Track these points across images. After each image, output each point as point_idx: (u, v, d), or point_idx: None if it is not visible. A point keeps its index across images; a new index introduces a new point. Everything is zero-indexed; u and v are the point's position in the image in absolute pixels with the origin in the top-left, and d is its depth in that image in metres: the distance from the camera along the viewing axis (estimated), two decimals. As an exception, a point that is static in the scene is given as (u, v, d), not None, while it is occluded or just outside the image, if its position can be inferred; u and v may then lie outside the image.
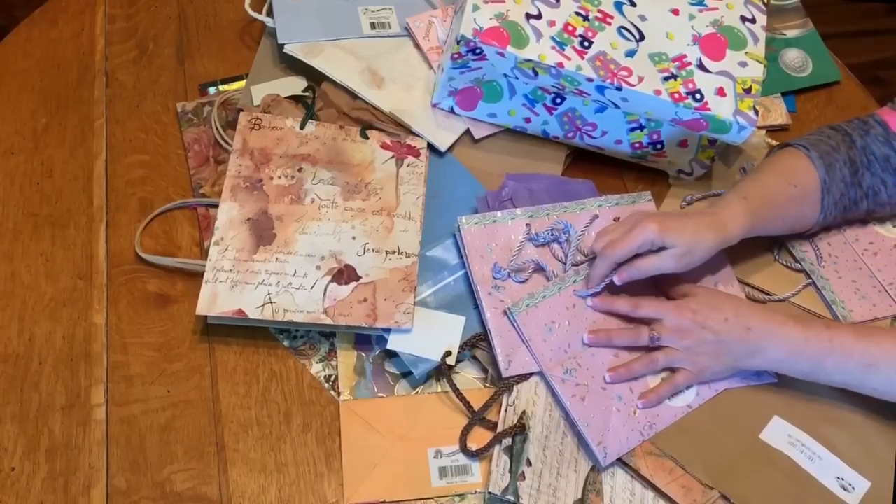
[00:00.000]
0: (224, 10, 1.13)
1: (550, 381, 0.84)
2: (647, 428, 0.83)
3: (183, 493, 0.80)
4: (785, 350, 0.82)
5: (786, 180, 0.90)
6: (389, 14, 1.08)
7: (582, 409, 0.83)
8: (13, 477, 0.80)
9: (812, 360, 0.82)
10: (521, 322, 0.86)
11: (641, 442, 0.83)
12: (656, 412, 0.85)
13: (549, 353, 0.85)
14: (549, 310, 0.87)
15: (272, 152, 0.96)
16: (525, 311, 0.86)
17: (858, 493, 0.82)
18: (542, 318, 0.87)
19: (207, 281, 0.86)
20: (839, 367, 0.81)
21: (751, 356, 0.84)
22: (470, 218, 0.92)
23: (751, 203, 0.87)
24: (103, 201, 0.97)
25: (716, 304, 0.85)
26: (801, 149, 0.92)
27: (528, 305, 0.87)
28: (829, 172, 0.89)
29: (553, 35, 0.93)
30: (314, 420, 0.85)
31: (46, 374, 0.86)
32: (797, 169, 0.90)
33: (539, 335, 0.86)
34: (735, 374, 0.87)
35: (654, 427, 0.84)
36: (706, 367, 0.85)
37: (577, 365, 0.85)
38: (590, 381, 0.85)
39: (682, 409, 0.85)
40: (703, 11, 0.99)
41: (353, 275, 0.89)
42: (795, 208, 0.90)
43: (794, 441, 0.84)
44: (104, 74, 1.07)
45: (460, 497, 0.81)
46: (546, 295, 0.88)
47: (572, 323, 0.87)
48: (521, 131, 1.02)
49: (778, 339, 0.82)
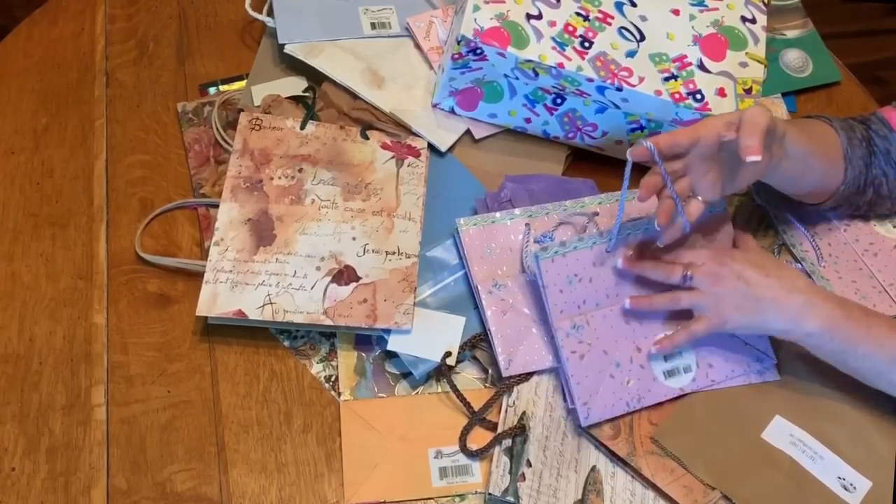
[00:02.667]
0: (224, 10, 1.13)
1: (555, 334, 0.84)
2: (635, 400, 0.84)
3: (183, 494, 0.80)
4: (821, 324, 0.80)
5: (815, 138, 0.87)
6: (390, 14, 1.08)
7: (578, 366, 0.83)
8: (13, 477, 0.80)
9: (845, 342, 0.80)
10: (545, 268, 0.84)
11: (626, 412, 0.84)
12: (648, 387, 0.85)
13: (563, 306, 0.85)
14: (575, 262, 0.85)
15: (272, 153, 0.96)
16: (551, 259, 0.85)
17: (860, 493, 0.82)
18: (567, 269, 0.85)
19: (208, 281, 0.86)
20: (869, 355, 0.80)
21: (781, 320, 0.81)
22: (468, 220, 0.92)
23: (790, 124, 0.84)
24: (103, 201, 0.97)
25: (759, 262, 0.82)
26: (825, 120, 0.90)
27: (556, 253, 0.85)
28: (850, 146, 0.89)
29: (553, 35, 0.93)
30: (314, 420, 0.85)
31: (47, 375, 0.86)
32: (824, 133, 0.89)
33: (558, 285, 0.85)
34: (739, 368, 0.87)
35: (643, 401, 0.84)
36: (729, 319, 0.82)
37: (585, 323, 0.85)
38: (593, 342, 0.84)
39: (674, 390, 0.85)
40: (703, 12, 0.99)
41: (353, 275, 0.89)
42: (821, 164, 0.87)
43: (795, 441, 0.84)
44: (104, 74, 1.07)
45: (461, 497, 0.81)
46: (577, 247, 0.86)
47: (594, 280, 0.86)
48: (522, 132, 1.02)
49: (817, 311, 0.80)
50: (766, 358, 0.88)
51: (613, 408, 0.83)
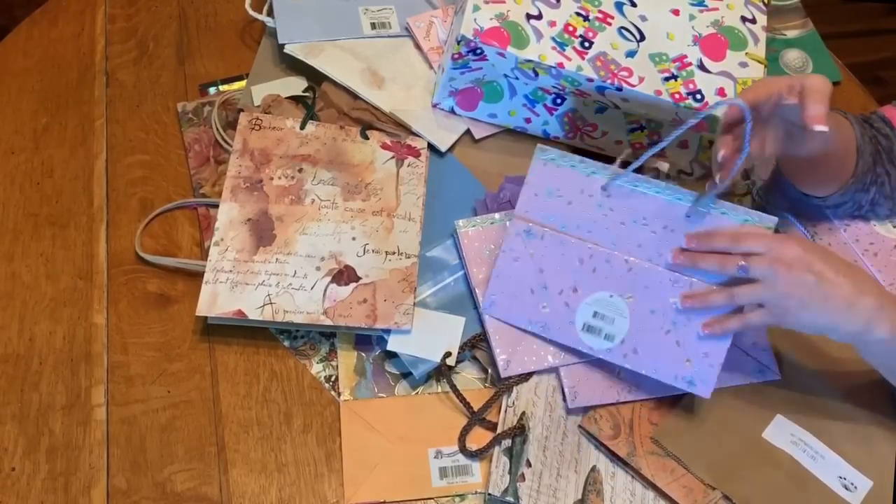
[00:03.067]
0: (224, 10, 1.13)
1: (508, 228, 0.86)
2: (539, 326, 0.85)
3: (183, 494, 0.80)
4: (893, 330, 0.75)
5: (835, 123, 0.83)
6: (390, 14, 1.08)
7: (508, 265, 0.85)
8: (13, 477, 0.80)
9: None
10: (536, 167, 0.84)
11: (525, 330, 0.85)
12: (559, 325, 0.85)
13: (530, 207, 0.85)
14: (566, 177, 0.84)
15: (272, 153, 0.96)
16: (543, 162, 0.85)
17: (860, 493, 0.82)
18: (554, 180, 0.84)
19: (207, 281, 0.86)
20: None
21: (850, 323, 0.75)
22: (468, 221, 0.92)
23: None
24: (103, 201, 0.97)
25: (830, 256, 0.76)
26: (839, 112, 0.88)
27: (552, 160, 0.84)
28: (863, 139, 0.87)
29: (553, 35, 0.93)
30: (314, 420, 0.85)
31: (47, 375, 0.86)
32: (841, 122, 0.86)
33: (537, 189, 0.85)
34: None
35: (548, 332, 0.85)
36: (790, 313, 0.76)
37: (540, 236, 0.85)
38: (535, 255, 0.85)
39: (582, 345, 0.85)
40: (703, 12, 0.99)
41: (352, 275, 0.89)
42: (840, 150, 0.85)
43: (796, 440, 0.84)
44: (104, 74, 1.07)
45: (461, 497, 0.81)
46: (575, 166, 0.85)
47: (573, 205, 0.84)
48: (522, 132, 1.02)
49: (890, 317, 0.75)
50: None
51: (517, 318, 0.85)
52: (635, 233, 0.84)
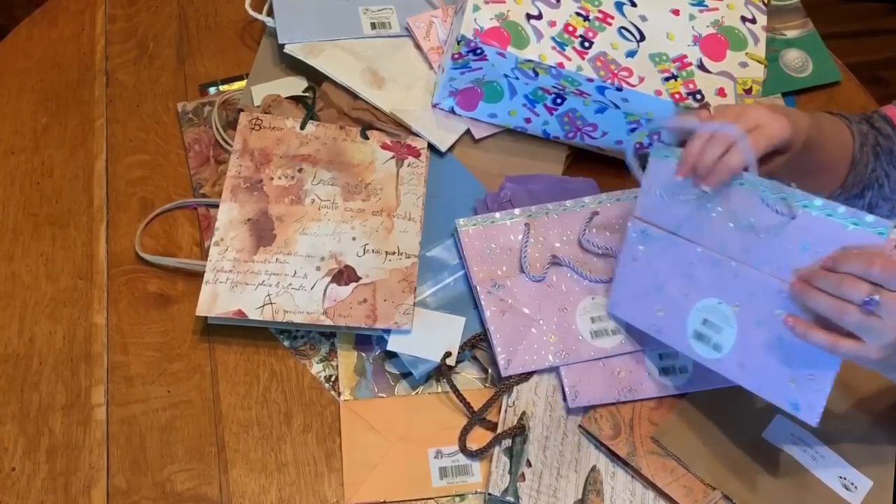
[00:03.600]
0: (224, 10, 1.13)
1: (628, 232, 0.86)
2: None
3: (183, 494, 0.80)
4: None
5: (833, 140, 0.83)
6: (390, 14, 1.08)
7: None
8: (13, 477, 0.80)
9: None
10: (654, 166, 0.83)
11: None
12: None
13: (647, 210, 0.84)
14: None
15: (272, 153, 0.96)
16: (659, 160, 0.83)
17: (860, 493, 0.82)
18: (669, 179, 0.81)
19: (208, 281, 0.86)
20: None
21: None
22: (468, 220, 0.92)
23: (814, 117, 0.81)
24: (103, 201, 0.97)
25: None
26: (844, 122, 0.87)
27: (666, 157, 0.82)
28: (861, 153, 0.86)
29: (553, 35, 0.93)
30: (314, 420, 0.85)
31: (47, 375, 0.86)
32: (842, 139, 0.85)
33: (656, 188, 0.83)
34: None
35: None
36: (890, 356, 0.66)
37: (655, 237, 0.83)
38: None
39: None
40: (703, 12, 0.99)
41: (352, 275, 0.89)
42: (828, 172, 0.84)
43: (797, 440, 0.84)
44: (104, 74, 1.07)
45: (461, 497, 0.81)
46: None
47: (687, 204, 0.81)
48: (522, 132, 1.02)
49: None
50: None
51: (638, 320, 0.85)
52: (742, 236, 0.78)
